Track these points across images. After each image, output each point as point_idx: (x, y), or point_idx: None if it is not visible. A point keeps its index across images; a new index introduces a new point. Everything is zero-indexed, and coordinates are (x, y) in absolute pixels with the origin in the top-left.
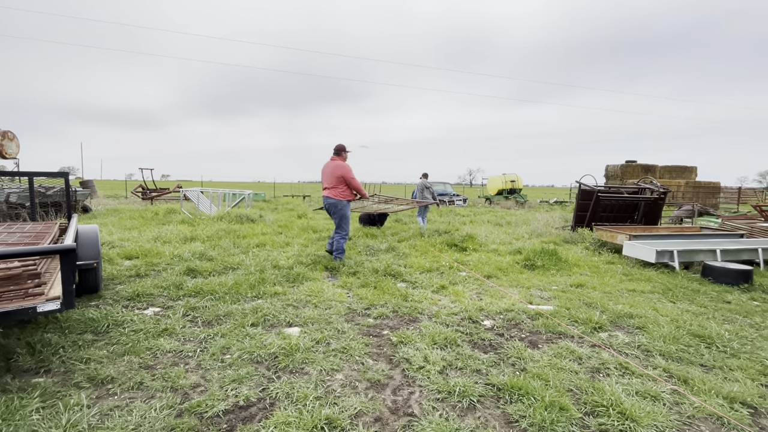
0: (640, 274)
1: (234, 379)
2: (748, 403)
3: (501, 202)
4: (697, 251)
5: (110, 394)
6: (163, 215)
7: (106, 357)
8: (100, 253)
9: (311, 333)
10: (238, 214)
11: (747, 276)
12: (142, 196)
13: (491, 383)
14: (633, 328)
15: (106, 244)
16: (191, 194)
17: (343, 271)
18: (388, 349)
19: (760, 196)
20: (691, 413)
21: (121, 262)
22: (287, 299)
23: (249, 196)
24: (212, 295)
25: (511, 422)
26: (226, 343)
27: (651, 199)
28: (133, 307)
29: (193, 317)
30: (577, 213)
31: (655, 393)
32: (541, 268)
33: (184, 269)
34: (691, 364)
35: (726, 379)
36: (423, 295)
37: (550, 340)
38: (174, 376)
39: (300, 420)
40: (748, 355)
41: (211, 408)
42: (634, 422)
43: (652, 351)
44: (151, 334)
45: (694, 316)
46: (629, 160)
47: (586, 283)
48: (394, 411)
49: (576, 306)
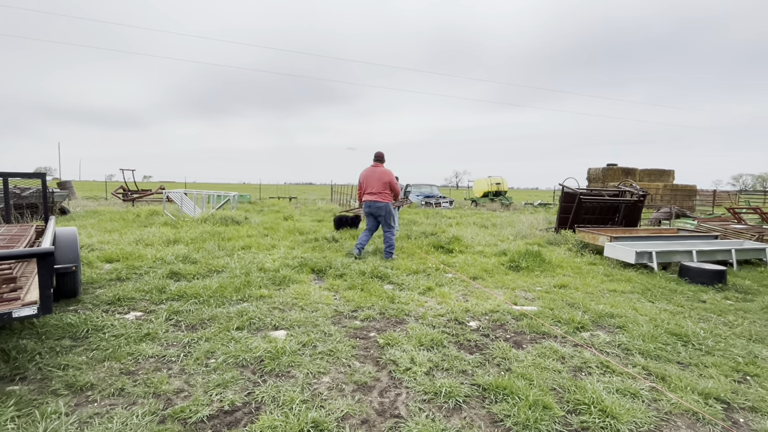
0: (621, 275)
1: (219, 383)
2: (721, 398)
3: (486, 204)
4: (675, 252)
5: (90, 401)
6: (145, 217)
7: (86, 363)
8: (78, 256)
9: (297, 336)
10: (223, 216)
11: (721, 276)
12: (123, 197)
13: (477, 383)
14: (614, 327)
15: (85, 247)
16: (174, 196)
17: (329, 273)
18: (375, 351)
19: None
20: (669, 409)
21: (101, 266)
22: (273, 302)
23: (234, 198)
24: (196, 299)
25: (496, 422)
26: (211, 347)
27: (631, 201)
28: (114, 311)
29: (176, 321)
30: (560, 215)
31: (635, 390)
32: (525, 270)
33: (166, 272)
34: (669, 362)
35: (701, 375)
36: (410, 296)
37: (534, 340)
38: (156, 382)
39: (286, 424)
40: (721, 353)
41: (195, 413)
42: (615, 419)
43: (631, 349)
44: (133, 339)
45: (672, 315)
46: (610, 163)
47: (569, 284)
48: (381, 413)
49: (559, 306)
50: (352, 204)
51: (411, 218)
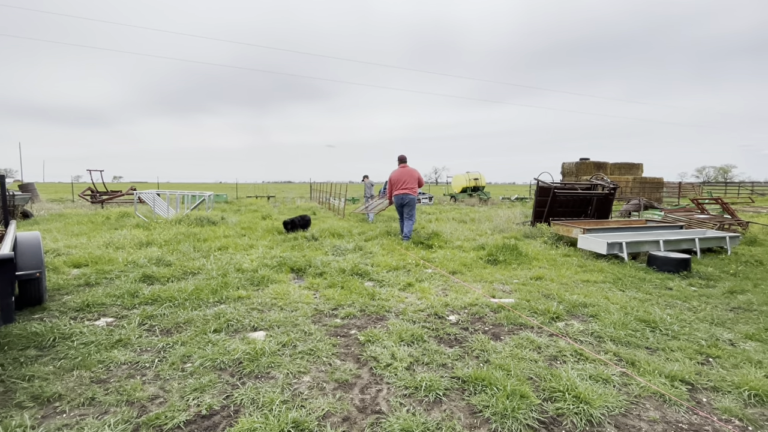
0: (594, 266)
1: (195, 388)
2: (686, 380)
3: (465, 199)
4: (643, 242)
5: (58, 412)
6: (115, 219)
7: (53, 373)
8: (42, 262)
9: (277, 336)
10: (199, 216)
11: (686, 264)
12: (91, 199)
13: (456, 376)
14: (587, 316)
15: (50, 252)
16: (146, 196)
17: (309, 272)
18: (355, 348)
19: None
20: (638, 393)
21: (69, 271)
22: (252, 303)
23: (210, 198)
24: (171, 302)
25: (475, 413)
26: (187, 351)
27: (602, 194)
28: (83, 318)
29: (150, 326)
30: (536, 209)
31: (606, 376)
32: (503, 263)
33: (139, 276)
34: (638, 348)
35: (668, 359)
36: (390, 293)
37: (512, 331)
38: (130, 389)
39: (266, 425)
40: (686, 337)
41: (171, 419)
42: (588, 404)
43: (603, 337)
44: (104, 346)
45: (641, 302)
46: (583, 157)
47: (544, 276)
48: (362, 410)
49: (535, 298)
50: (331, 202)
51: (391, 215)
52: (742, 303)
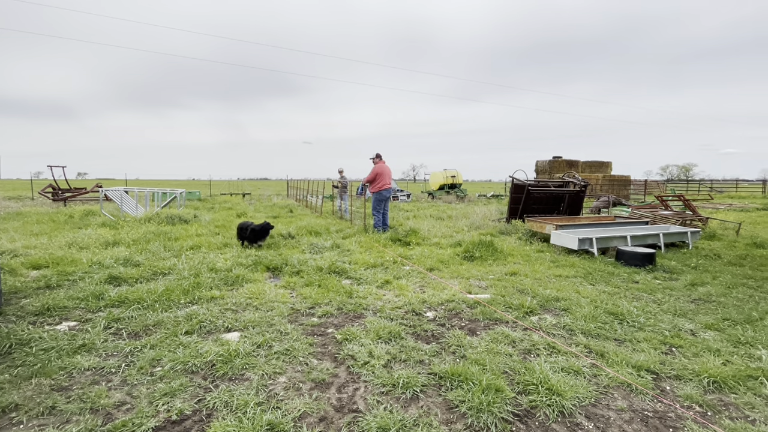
0: (566, 261)
1: (165, 392)
2: (651, 369)
3: (443, 196)
4: (612, 238)
5: (14, 422)
6: (79, 218)
7: (9, 381)
8: None
9: (252, 337)
10: (170, 214)
11: (651, 258)
12: (52, 197)
13: (433, 372)
14: (559, 310)
15: (6, 253)
16: (113, 194)
17: (285, 270)
18: (333, 347)
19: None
20: (607, 383)
21: (27, 273)
22: (225, 303)
23: (181, 195)
24: (139, 304)
25: (451, 408)
26: (156, 354)
27: (574, 191)
28: (43, 322)
29: (116, 329)
30: (511, 206)
31: (577, 368)
32: (479, 259)
33: (105, 277)
34: (607, 339)
35: (634, 350)
36: (368, 290)
37: (488, 326)
38: (94, 396)
39: (240, 428)
40: (651, 328)
41: (139, 426)
42: (560, 396)
43: (575, 330)
44: (66, 352)
45: (610, 296)
46: (556, 156)
47: (519, 271)
48: (339, 409)
49: (510, 293)
50: (309, 199)
51: (369, 212)
52: (702, 295)
